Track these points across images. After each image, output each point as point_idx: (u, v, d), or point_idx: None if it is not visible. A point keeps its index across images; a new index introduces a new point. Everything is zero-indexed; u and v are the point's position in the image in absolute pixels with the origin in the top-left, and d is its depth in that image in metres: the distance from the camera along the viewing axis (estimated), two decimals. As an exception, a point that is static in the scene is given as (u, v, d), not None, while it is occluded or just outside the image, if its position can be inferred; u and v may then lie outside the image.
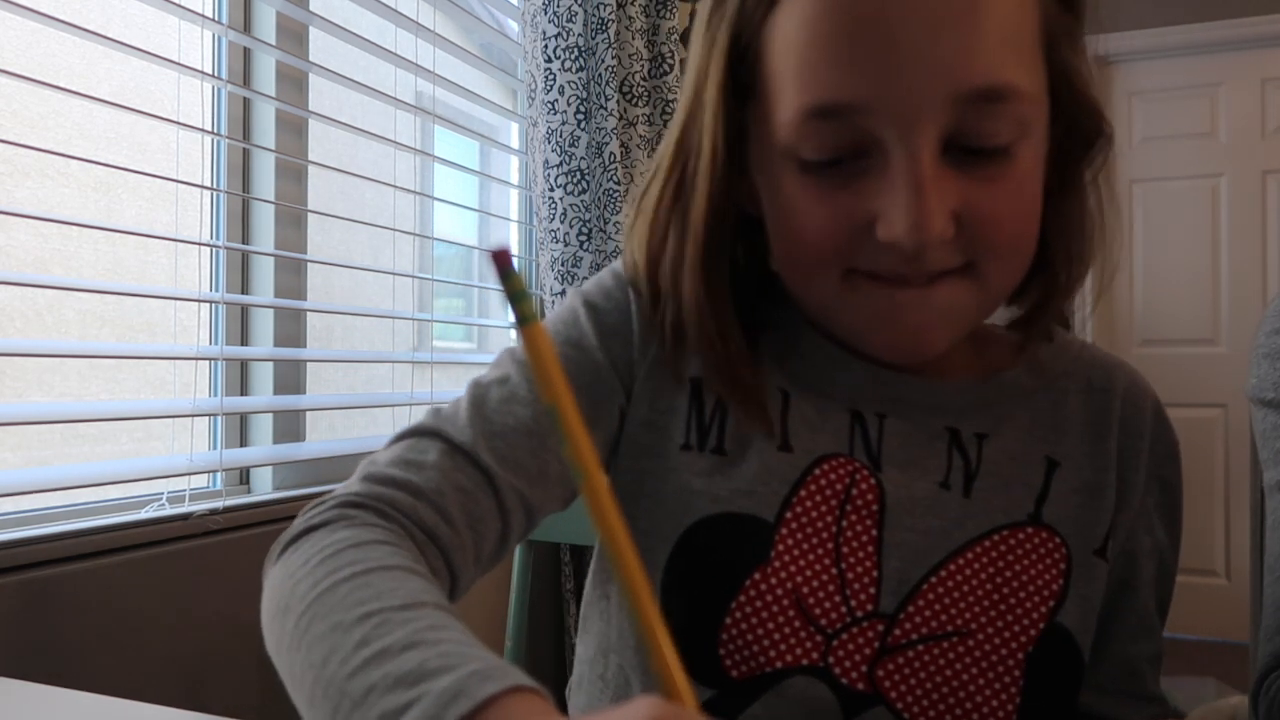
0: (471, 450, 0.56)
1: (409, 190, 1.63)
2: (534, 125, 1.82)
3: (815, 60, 0.51)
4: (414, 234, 1.72)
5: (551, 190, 1.80)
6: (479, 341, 4.21)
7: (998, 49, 0.49)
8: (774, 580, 0.56)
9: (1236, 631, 3.15)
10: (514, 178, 2.17)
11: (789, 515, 0.58)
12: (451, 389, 1.78)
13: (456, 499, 0.54)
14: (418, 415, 1.71)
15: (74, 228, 2.37)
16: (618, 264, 0.65)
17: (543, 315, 2.02)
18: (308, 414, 1.48)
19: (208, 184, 1.34)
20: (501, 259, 0.30)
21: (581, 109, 1.79)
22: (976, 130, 0.50)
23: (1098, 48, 3.33)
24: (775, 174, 0.55)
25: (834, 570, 0.57)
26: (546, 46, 1.78)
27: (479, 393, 0.59)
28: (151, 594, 1.06)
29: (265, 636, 0.46)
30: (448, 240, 2.48)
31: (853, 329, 0.58)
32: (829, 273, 0.54)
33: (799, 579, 0.56)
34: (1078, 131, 0.57)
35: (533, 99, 1.81)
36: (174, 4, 1.17)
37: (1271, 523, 0.77)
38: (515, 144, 2.34)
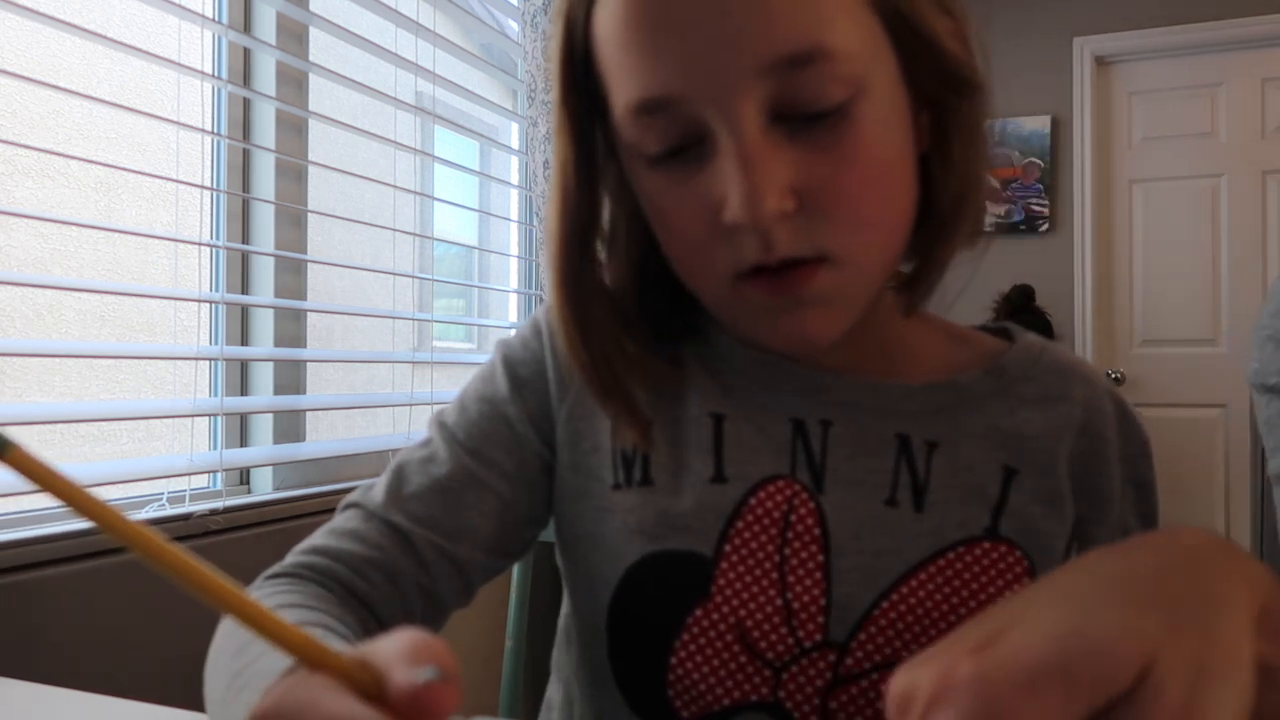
0: (385, 514, 0.59)
1: (409, 190, 1.63)
2: (534, 125, 1.82)
3: (625, 56, 0.50)
4: (414, 234, 1.72)
5: (551, 190, 1.80)
6: (479, 341, 4.21)
7: (797, 11, 0.47)
8: (716, 616, 0.55)
9: (1236, 631, 3.14)
10: (514, 178, 2.17)
11: (728, 548, 0.56)
12: (451, 389, 1.77)
13: (373, 557, 0.58)
14: (418, 415, 1.71)
15: (74, 228, 2.37)
16: (540, 310, 0.66)
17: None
18: (308, 414, 1.48)
19: (208, 184, 1.34)
20: None
21: (581, 109, 1.79)
22: (799, 96, 0.48)
23: (1095, 46, 3.33)
24: (634, 176, 0.55)
25: (779, 601, 0.55)
26: (547, 46, 1.78)
27: (401, 460, 0.63)
28: (151, 594, 1.06)
29: None
30: (448, 240, 2.49)
31: (746, 330, 0.57)
32: (712, 279, 0.54)
33: (742, 613, 0.55)
34: (949, 84, 0.54)
35: (533, 99, 1.81)
36: (174, 4, 1.17)
37: None
38: (515, 144, 2.34)
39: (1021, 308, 3.08)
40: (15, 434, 0.25)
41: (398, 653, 0.29)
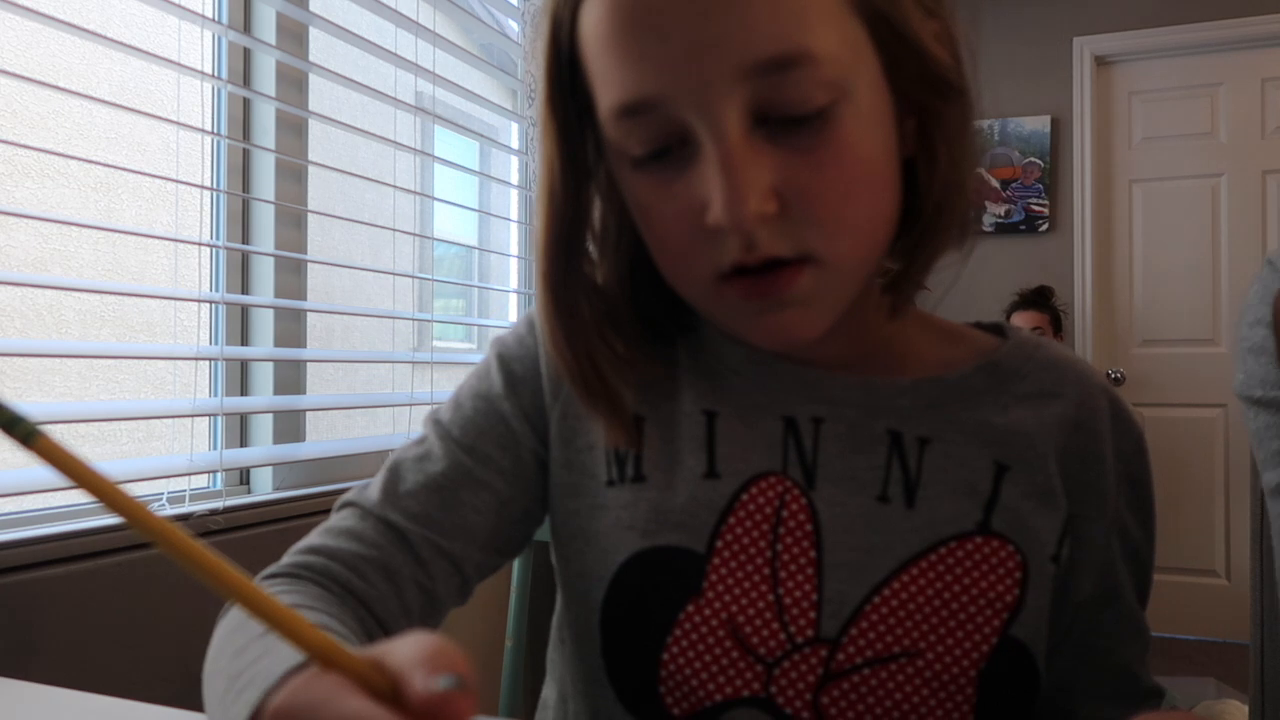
0: (381, 513, 0.60)
1: (409, 190, 1.63)
2: (534, 125, 1.82)
3: (608, 58, 0.51)
4: (414, 234, 1.72)
5: (551, 190, 1.80)
6: (479, 341, 4.21)
7: (778, 15, 0.47)
8: (708, 612, 0.55)
9: (1236, 632, 3.15)
10: (514, 178, 2.17)
11: (720, 544, 0.56)
12: (451, 389, 1.78)
13: (370, 555, 0.58)
14: (418, 415, 1.71)
15: (74, 228, 2.37)
16: (535, 307, 0.66)
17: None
18: (308, 414, 1.48)
19: (208, 184, 1.34)
20: None
21: (581, 109, 1.78)
22: (781, 100, 0.49)
23: (1095, 47, 3.33)
24: (619, 176, 0.55)
25: (771, 597, 0.55)
26: (534, 46, 1.78)
27: (397, 459, 0.63)
28: (151, 595, 1.06)
29: None
30: (448, 240, 2.48)
31: (729, 328, 0.57)
32: (695, 279, 0.54)
33: (734, 609, 0.55)
34: (934, 89, 0.54)
35: (533, 99, 1.81)
36: (174, 4, 1.17)
37: (1277, 529, 0.76)
38: (515, 144, 2.34)
39: (1039, 303, 3.17)
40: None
41: (415, 658, 0.29)
